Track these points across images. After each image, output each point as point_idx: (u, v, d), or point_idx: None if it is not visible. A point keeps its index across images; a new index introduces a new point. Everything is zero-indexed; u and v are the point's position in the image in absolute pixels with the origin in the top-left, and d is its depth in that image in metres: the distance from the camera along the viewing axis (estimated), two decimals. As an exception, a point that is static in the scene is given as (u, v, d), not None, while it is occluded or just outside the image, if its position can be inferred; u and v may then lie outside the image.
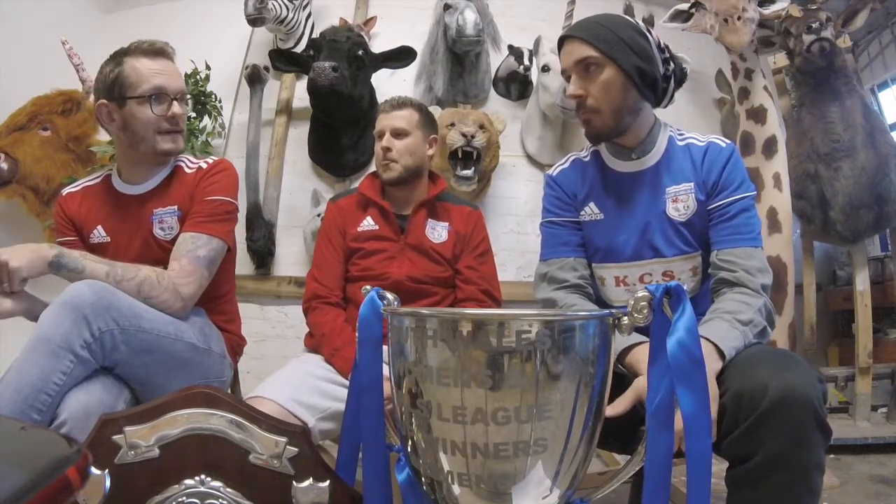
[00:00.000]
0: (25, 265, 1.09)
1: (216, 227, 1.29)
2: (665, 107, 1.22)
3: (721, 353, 0.93)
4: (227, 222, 1.33)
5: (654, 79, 1.13)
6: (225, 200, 1.32)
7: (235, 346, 1.46)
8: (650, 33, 1.15)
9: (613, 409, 0.86)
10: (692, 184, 1.15)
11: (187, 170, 1.36)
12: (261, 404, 1.15)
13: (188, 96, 1.33)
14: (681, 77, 1.22)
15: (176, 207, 1.31)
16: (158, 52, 1.28)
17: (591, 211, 1.22)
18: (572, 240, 1.24)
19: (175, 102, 1.28)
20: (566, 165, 1.29)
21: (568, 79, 1.16)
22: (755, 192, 1.15)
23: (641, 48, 1.11)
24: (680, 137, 1.21)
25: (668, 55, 1.17)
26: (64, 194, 1.38)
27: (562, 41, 1.17)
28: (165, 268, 1.22)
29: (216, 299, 1.40)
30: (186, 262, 1.23)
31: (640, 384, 0.90)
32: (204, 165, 1.37)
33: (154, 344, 1.12)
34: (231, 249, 1.37)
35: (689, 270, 1.16)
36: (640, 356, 0.96)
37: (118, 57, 1.27)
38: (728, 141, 1.18)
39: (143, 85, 1.25)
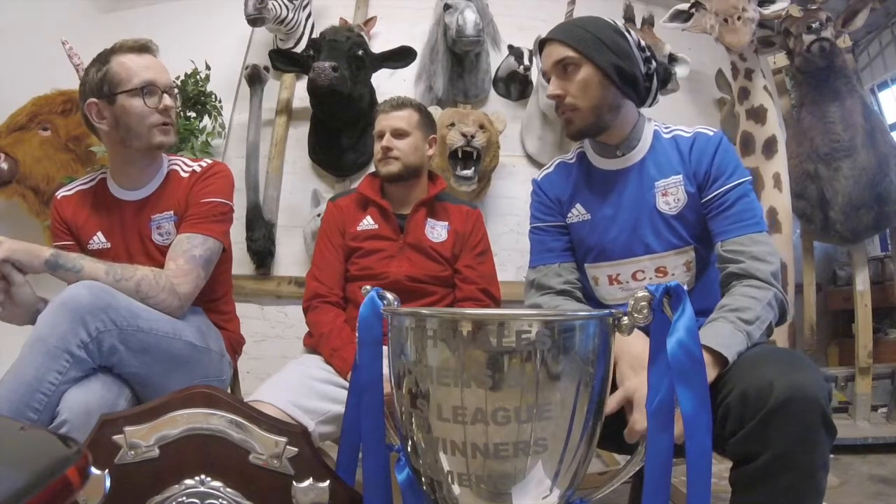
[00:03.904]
0: (21, 250, 1.10)
1: (212, 228, 1.29)
2: (650, 106, 1.23)
3: (721, 360, 0.92)
4: (223, 223, 1.34)
5: (634, 77, 1.14)
6: (220, 202, 1.33)
7: (235, 344, 1.46)
8: (630, 33, 1.16)
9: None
10: (681, 176, 1.15)
11: (182, 174, 1.36)
12: (260, 409, 1.15)
13: (176, 91, 1.33)
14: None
15: (172, 212, 1.32)
16: (143, 48, 1.29)
17: (577, 212, 1.23)
18: (556, 245, 1.25)
19: (165, 95, 1.29)
20: (551, 170, 1.30)
21: (549, 81, 1.17)
22: (750, 177, 1.14)
23: (619, 47, 1.13)
24: (666, 130, 1.21)
25: (649, 54, 1.18)
26: (59, 197, 1.37)
27: (542, 46, 1.19)
28: None
29: (214, 300, 1.40)
30: (182, 261, 1.23)
31: (630, 386, 0.90)
32: (198, 169, 1.37)
33: (152, 343, 1.12)
34: (227, 250, 1.37)
35: (683, 265, 1.16)
36: (615, 346, 0.96)
37: (103, 58, 1.27)
38: (715, 130, 1.18)
39: (133, 79, 1.25)
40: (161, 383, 1.14)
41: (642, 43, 1.18)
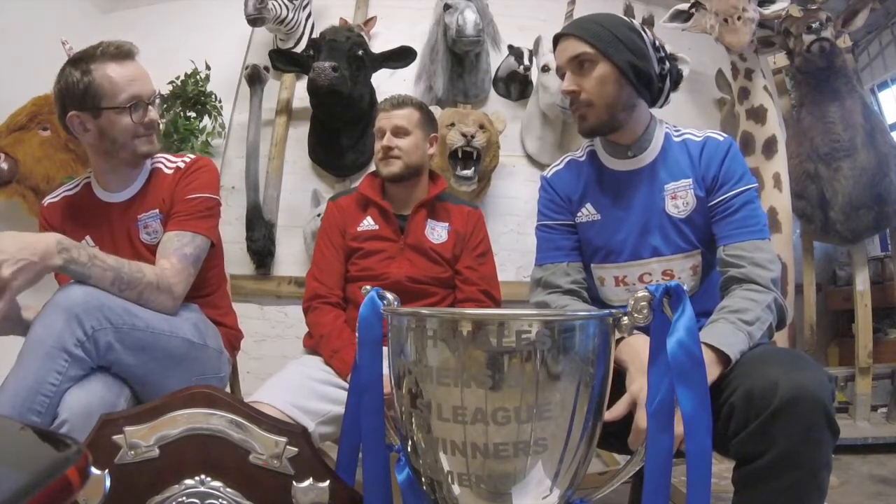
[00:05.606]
0: (31, 278, 1.01)
1: (199, 225, 1.29)
2: (661, 106, 1.22)
3: (723, 359, 0.92)
4: (210, 218, 1.33)
5: (649, 76, 1.13)
6: (206, 197, 1.32)
7: (233, 340, 1.45)
8: (646, 32, 1.15)
9: (611, 414, 0.86)
10: (691, 180, 1.15)
11: (166, 170, 1.36)
12: (260, 409, 1.15)
13: (157, 99, 1.31)
14: (676, 77, 1.21)
15: (157, 210, 1.31)
16: (126, 55, 1.25)
17: (587, 212, 1.22)
18: (565, 244, 1.24)
19: (150, 107, 1.27)
20: (561, 167, 1.29)
21: (563, 76, 1.16)
22: (757, 184, 1.14)
23: (636, 45, 1.12)
24: (676, 133, 1.20)
25: (663, 55, 1.17)
26: (45, 204, 1.36)
27: (557, 39, 1.18)
28: None
29: (209, 295, 1.40)
30: (176, 259, 1.23)
31: (635, 389, 0.90)
32: (182, 165, 1.36)
33: (149, 341, 1.11)
34: (216, 245, 1.37)
35: (690, 269, 1.16)
36: (625, 350, 0.96)
37: (83, 64, 1.22)
38: (725, 135, 1.18)
39: (120, 95, 1.22)
40: (159, 381, 1.14)
41: (657, 42, 1.17)
